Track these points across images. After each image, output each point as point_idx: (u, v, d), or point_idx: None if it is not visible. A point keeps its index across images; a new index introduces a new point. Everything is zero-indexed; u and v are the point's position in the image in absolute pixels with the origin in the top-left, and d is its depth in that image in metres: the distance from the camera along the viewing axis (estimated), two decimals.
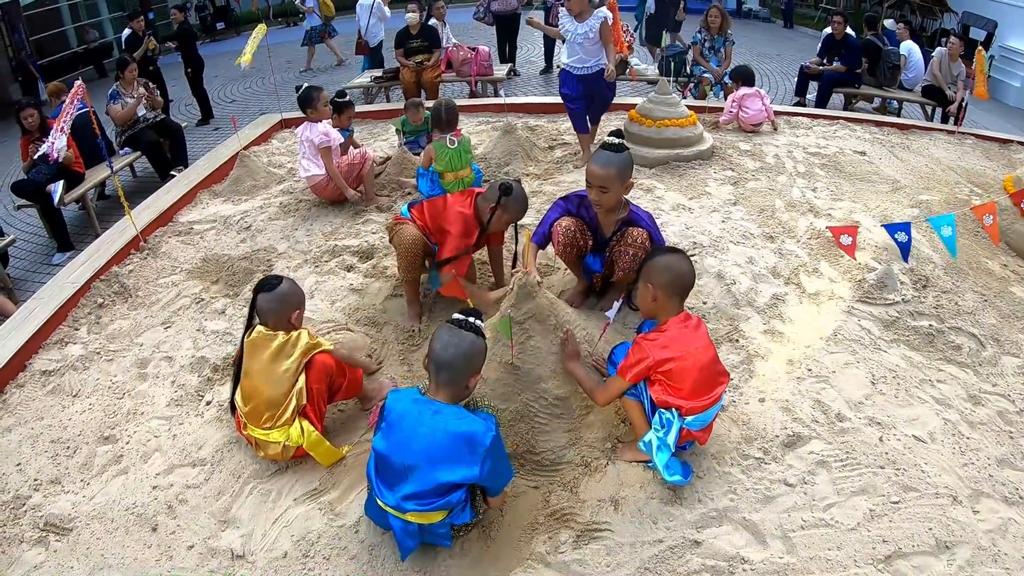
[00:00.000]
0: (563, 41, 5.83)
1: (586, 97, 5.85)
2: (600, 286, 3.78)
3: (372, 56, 11.53)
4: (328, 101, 5.26)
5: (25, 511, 2.92)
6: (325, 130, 5.12)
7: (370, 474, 2.54)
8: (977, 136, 7.20)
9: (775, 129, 6.84)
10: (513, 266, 3.77)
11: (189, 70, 10.81)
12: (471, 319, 2.52)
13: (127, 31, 11.02)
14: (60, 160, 5.97)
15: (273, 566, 2.60)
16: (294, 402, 2.94)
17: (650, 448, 2.67)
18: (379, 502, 2.49)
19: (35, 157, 6.61)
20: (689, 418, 2.66)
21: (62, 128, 4.76)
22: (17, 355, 3.80)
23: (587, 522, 2.64)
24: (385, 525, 2.56)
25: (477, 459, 2.36)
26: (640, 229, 3.38)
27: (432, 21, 9.91)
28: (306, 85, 5.23)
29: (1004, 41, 13.02)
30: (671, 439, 2.63)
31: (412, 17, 9.18)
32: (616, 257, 3.46)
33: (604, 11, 5.52)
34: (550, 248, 3.64)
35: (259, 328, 3.04)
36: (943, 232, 3.28)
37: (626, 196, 3.45)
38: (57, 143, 4.78)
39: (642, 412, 2.79)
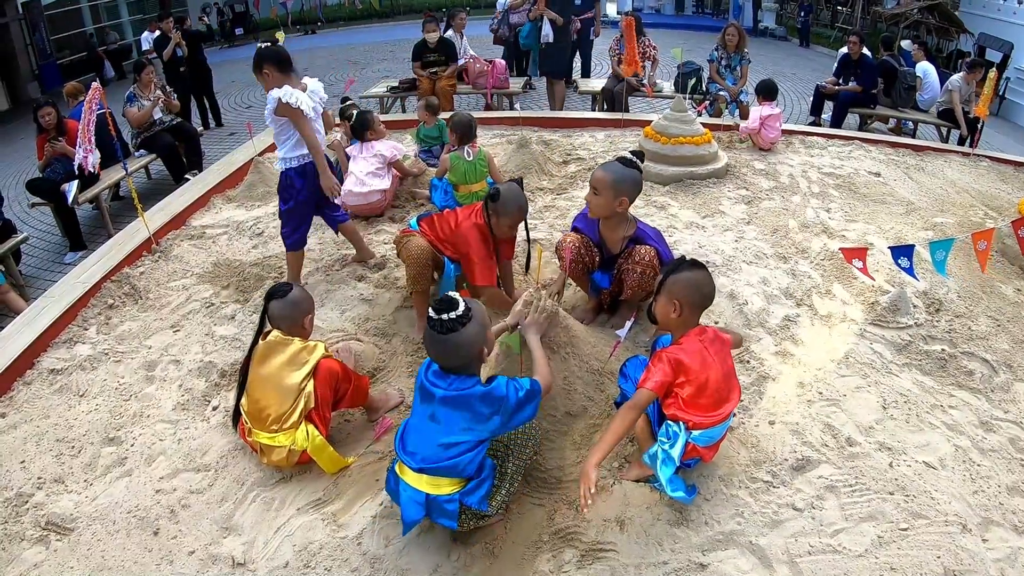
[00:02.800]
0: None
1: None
2: (608, 303, 3.76)
3: (507, 48, 11.85)
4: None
5: (27, 509, 2.91)
6: (393, 143, 5.40)
7: (396, 440, 2.59)
8: (992, 158, 7.17)
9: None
10: (527, 264, 3.76)
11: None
12: (444, 316, 2.38)
13: (156, 33, 11.08)
14: (95, 171, 5.92)
15: (274, 575, 2.58)
16: (302, 404, 2.94)
17: (654, 461, 2.63)
18: (396, 471, 2.53)
19: (74, 168, 6.59)
20: (696, 432, 2.62)
21: (89, 139, 4.78)
22: (25, 353, 3.81)
23: (592, 542, 2.62)
24: (396, 498, 2.55)
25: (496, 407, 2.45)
26: (647, 247, 3.37)
27: (449, 33, 9.94)
28: (357, 111, 5.47)
29: (1020, 63, 12.97)
30: (676, 452, 2.59)
31: (432, 36, 9.23)
32: (624, 275, 3.44)
33: (275, 91, 3.80)
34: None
35: (275, 333, 3.05)
36: (936, 256, 3.26)
37: (631, 213, 3.47)
38: (91, 157, 4.81)
39: (648, 426, 2.76)
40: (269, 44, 3.93)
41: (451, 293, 2.46)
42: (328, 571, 2.57)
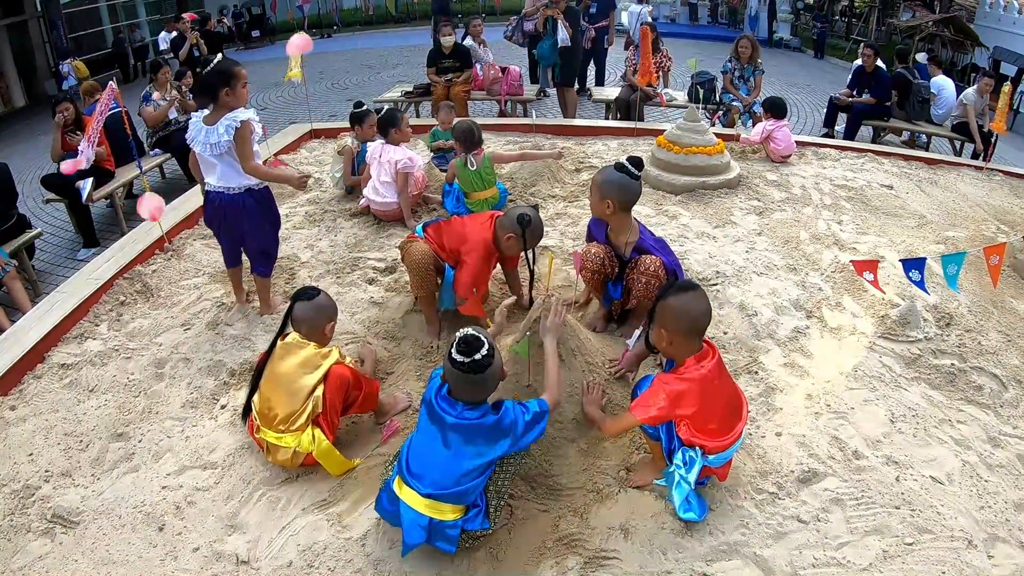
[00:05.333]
0: None
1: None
2: (618, 313, 3.77)
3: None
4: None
5: (34, 501, 2.94)
6: (410, 155, 5.17)
7: (401, 454, 2.61)
8: (1005, 173, 7.11)
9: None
10: (531, 286, 3.78)
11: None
12: (475, 358, 2.39)
13: (173, 33, 11.16)
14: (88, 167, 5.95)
15: (277, 574, 2.59)
16: (309, 408, 2.95)
17: (671, 481, 2.63)
18: (395, 489, 2.53)
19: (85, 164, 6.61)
20: (711, 456, 2.62)
21: (90, 138, 4.84)
22: (37, 346, 3.84)
23: (596, 549, 2.61)
24: (395, 519, 2.55)
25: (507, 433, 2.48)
26: (652, 257, 3.41)
27: (468, 41, 9.91)
28: (388, 107, 5.37)
29: None
30: (692, 477, 2.59)
31: (448, 41, 9.20)
32: (631, 285, 3.48)
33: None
34: (572, 272, 3.65)
35: (294, 335, 3.09)
36: (948, 270, 3.25)
37: (636, 220, 3.54)
38: (87, 152, 4.87)
39: (661, 451, 2.76)
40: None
41: (469, 330, 2.45)
42: (331, 571, 2.58)
